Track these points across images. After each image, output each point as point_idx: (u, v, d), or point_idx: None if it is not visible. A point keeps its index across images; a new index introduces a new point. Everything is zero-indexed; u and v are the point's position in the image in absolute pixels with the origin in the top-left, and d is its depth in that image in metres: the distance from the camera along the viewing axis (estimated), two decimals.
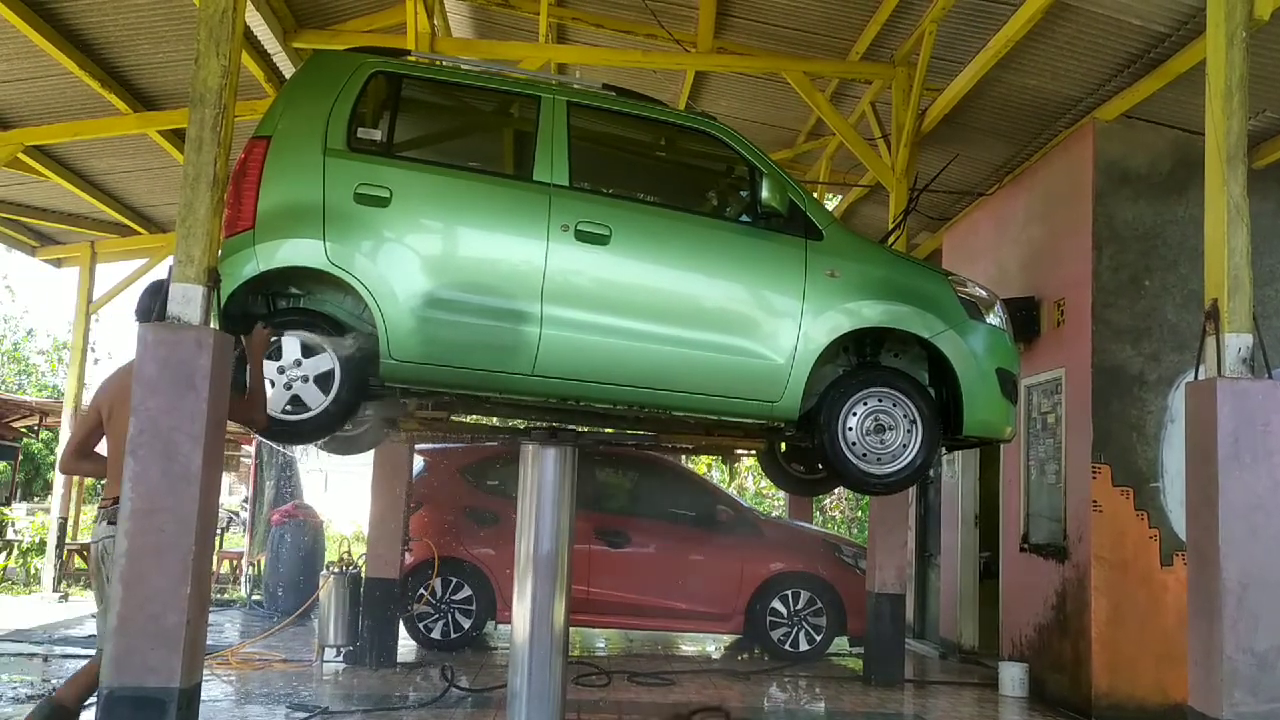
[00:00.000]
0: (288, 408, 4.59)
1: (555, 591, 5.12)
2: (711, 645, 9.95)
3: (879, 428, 5.01)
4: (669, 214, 5.07)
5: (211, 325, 4.47)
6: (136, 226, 12.22)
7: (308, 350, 4.60)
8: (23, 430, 16.34)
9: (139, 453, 4.26)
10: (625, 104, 5.16)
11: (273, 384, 4.59)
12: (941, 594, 10.11)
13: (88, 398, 13.89)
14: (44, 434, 18.55)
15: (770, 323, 4.85)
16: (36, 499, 19.67)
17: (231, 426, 4.77)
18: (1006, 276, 8.66)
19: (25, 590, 12.16)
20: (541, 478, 5.15)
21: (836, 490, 16.48)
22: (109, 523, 4.52)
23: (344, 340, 4.65)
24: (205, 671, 4.52)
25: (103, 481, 4.90)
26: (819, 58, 8.46)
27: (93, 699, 4.31)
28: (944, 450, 7.21)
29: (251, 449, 13.85)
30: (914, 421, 5.01)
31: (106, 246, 12.70)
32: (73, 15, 7.58)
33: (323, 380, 4.59)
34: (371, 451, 7.38)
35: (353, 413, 4.75)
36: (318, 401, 4.59)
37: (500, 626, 8.91)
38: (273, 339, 4.60)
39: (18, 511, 14.97)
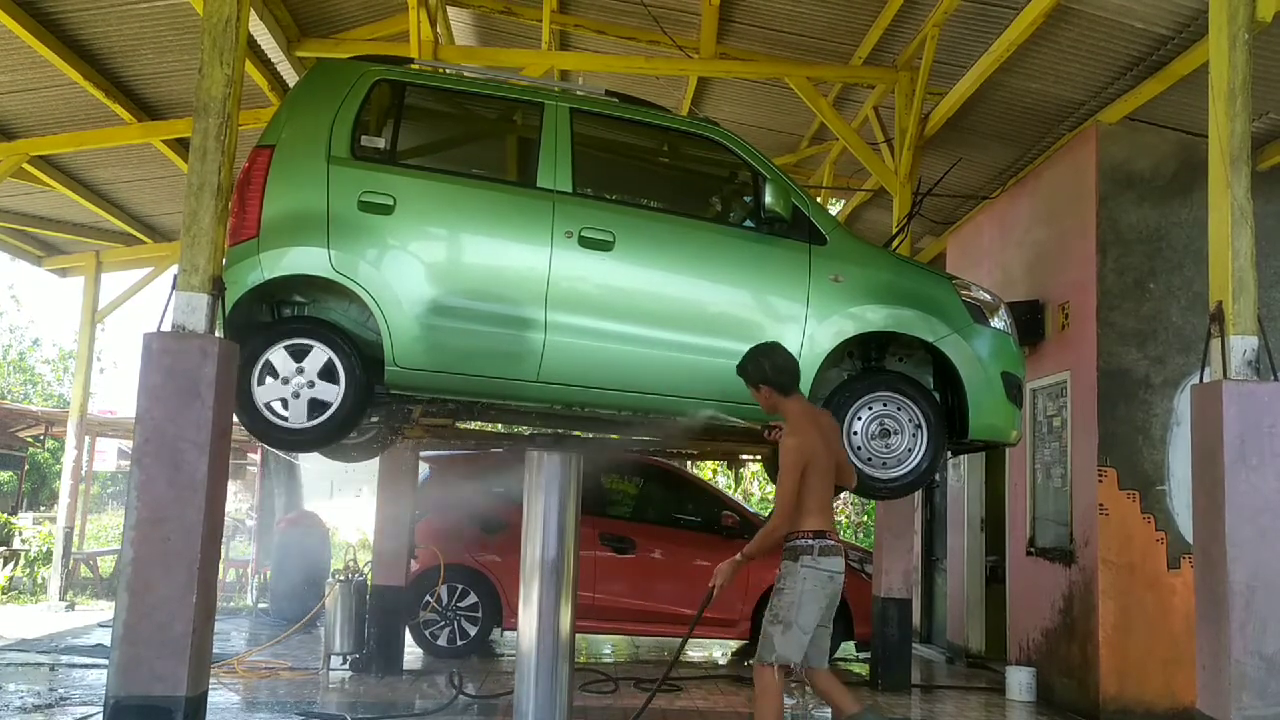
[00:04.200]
0: (312, 414, 4.59)
1: (561, 598, 5.11)
2: (718, 651, 9.93)
3: (884, 432, 5.01)
4: (672, 220, 5.08)
5: (217, 334, 4.49)
6: (142, 236, 12.24)
7: (298, 354, 4.59)
8: (29, 440, 16.35)
9: (144, 461, 4.27)
10: (628, 110, 5.17)
11: (285, 403, 4.58)
12: (948, 598, 10.08)
13: (94, 406, 13.92)
14: (50, 443, 18.55)
15: (774, 328, 4.85)
16: (43, 508, 19.68)
17: (236, 434, 4.76)
18: (1011, 280, 8.65)
19: (32, 599, 12.17)
20: (547, 484, 5.15)
21: (842, 495, 16.48)
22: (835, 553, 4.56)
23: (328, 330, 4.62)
24: (211, 680, 4.52)
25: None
26: (822, 63, 8.47)
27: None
28: (950, 454, 7.21)
29: (257, 457, 13.87)
30: (919, 426, 5.01)
31: (112, 256, 12.72)
32: (77, 26, 7.60)
33: (327, 373, 4.59)
34: (377, 459, 7.38)
35: (370, 389, 4.70)
36: (334, 394, 4.59)
37: (506, 633, 8.89)
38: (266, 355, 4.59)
39: (24, 521, 14.97)
